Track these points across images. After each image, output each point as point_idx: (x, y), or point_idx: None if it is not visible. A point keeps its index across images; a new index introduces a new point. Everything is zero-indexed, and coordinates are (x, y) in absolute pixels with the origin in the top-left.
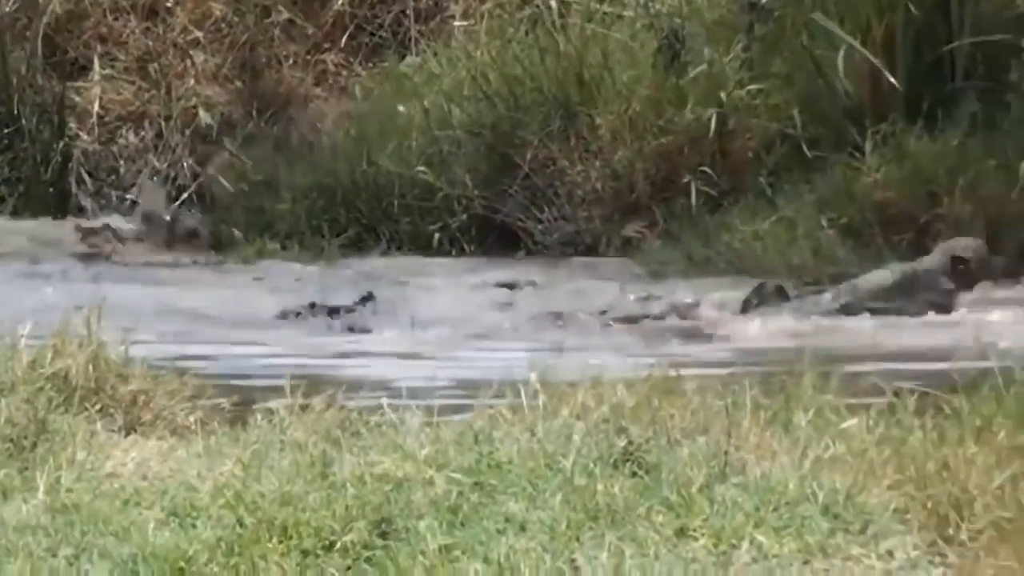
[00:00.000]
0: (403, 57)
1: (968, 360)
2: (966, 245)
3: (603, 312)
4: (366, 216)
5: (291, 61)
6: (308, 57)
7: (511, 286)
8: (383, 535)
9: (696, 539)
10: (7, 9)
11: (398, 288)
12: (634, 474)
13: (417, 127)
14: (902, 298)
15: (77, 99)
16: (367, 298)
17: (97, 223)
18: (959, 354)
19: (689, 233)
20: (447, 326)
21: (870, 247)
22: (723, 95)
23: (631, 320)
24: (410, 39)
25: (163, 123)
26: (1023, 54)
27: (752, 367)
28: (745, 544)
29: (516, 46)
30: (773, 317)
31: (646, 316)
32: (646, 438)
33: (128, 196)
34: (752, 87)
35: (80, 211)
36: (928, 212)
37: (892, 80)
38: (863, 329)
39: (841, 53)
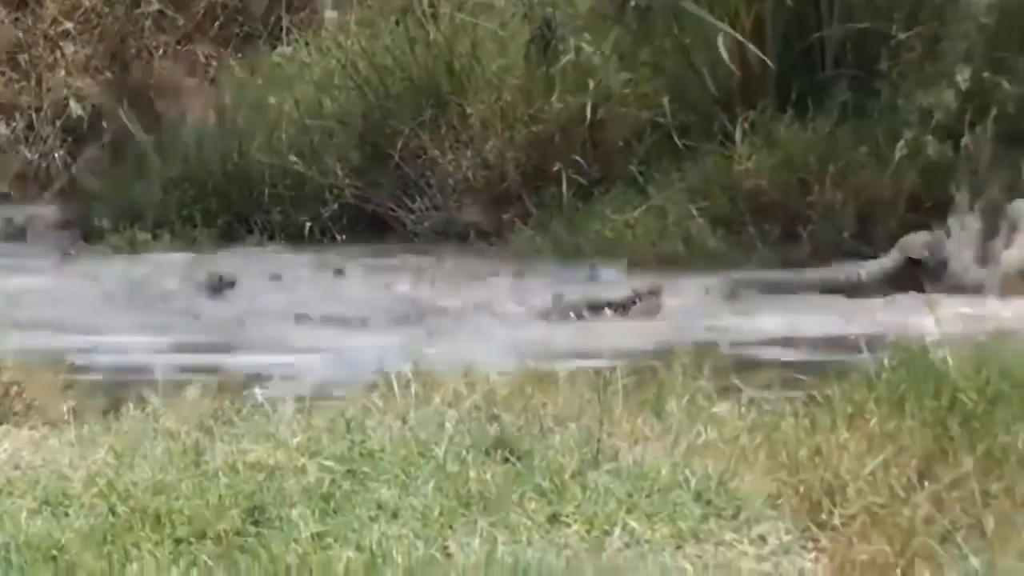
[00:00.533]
0: (274, 47)
1: (844, 348)
2: (923, 243)
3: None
4: (237, 206)
5: (161, 52)
6: (179, 48)
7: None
8: (256, 523)
9: (568, 525)
10: None
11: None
12: (506, 461)
13: (288, 117)
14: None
15: None
16: (227, 285)
17: None
18: (836, 343)
19: (559, 222)
20: (322, 315)
21: (741, 235)
22: (594, 84)
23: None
24: (281, 29)
25: (34, 114)
26: (892, 41)
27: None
28: (617, 530)
29: (387, 36)
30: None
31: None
32: (518, 426)
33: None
34: (623, 76)
35: None
36: (799, 200)
37: (767, 61)
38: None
39: (720, 39)
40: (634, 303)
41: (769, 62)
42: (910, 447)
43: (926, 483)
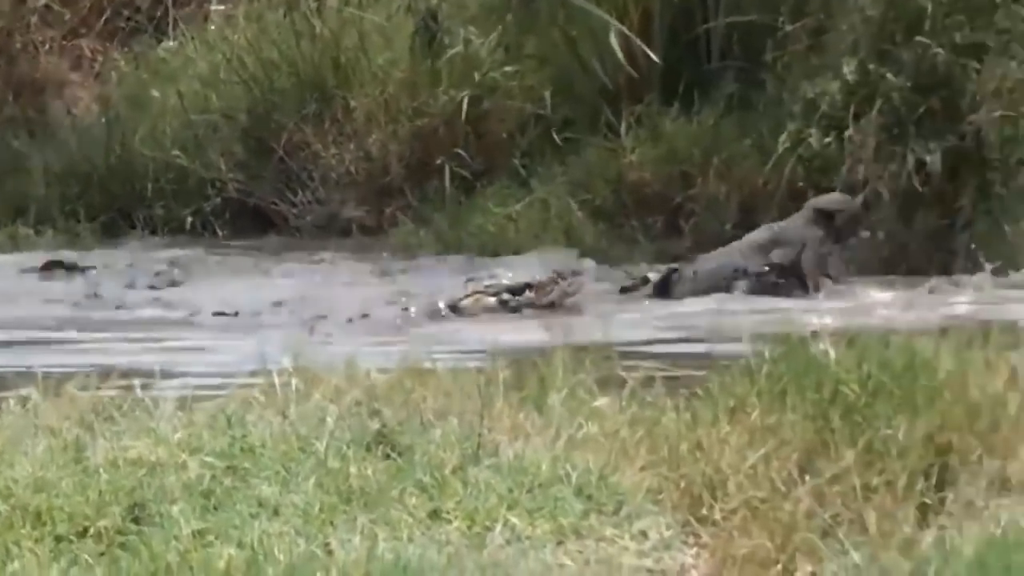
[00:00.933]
0: (160, 42)
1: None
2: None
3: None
4: (120, 201)
5: (47, 47)
6: (64, 42)
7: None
8: (136, 520)
9: (449, 521)
10: None
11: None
12: (387, 456)
13: (172, 111)
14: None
15: None
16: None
17: None
18: (716, 335)
19: (441, 215)
20: (204, 312)
21: (623, 228)
22: (479, 77)
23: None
24: (168, 23)
25: None
26: (777, 34)
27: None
28: (499, 526)
29: (273, 30)
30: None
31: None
32: (399, 420)
33: None
34: (507, 69)
35: None
36: (682, 193)
37: (651, 55)
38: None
39: (611, 33)
40: (556, 283)
41: (654, 56)
42: (791, 440)
43: (807, 477)
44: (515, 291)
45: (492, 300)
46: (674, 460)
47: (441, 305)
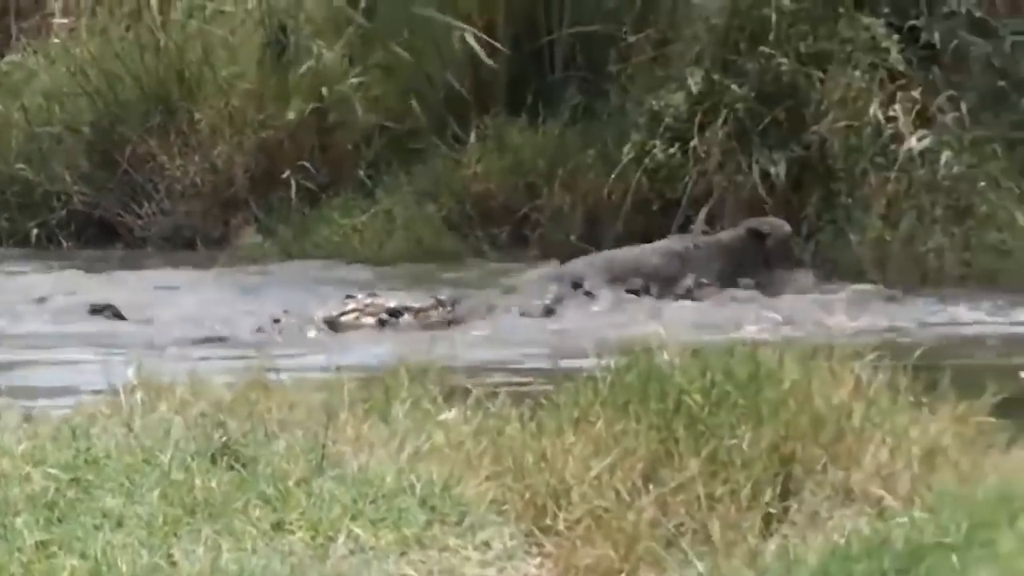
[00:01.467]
0: (2, 55)
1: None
2: (765, 221)
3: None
4: None
5: None
6: None
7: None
8: None
9: (293, 532)
10: None
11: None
12: (231, 468)
13: (16, 125)
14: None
15: None
16: None
17: None
18: (566, 349)
19: (286, 226)
20: (49, 324)
21: (469, 238)
22: (324, 89)
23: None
24: (10, 36)
25: None
26: (622, 44)
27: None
28: (342, 537)
29: (117, 43)
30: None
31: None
32: (244, 432)
33: None
34: (353, 80)
35: None
36: (527, 203)
37: (495, 65)
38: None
39: (455, 42)
40: (437, 308)
41: (496, 66)
42: (636, 450)
43: (651, 486)
44: (395, 313)
45: (371, 320)
46: (518, 470)
47: (318, 319)
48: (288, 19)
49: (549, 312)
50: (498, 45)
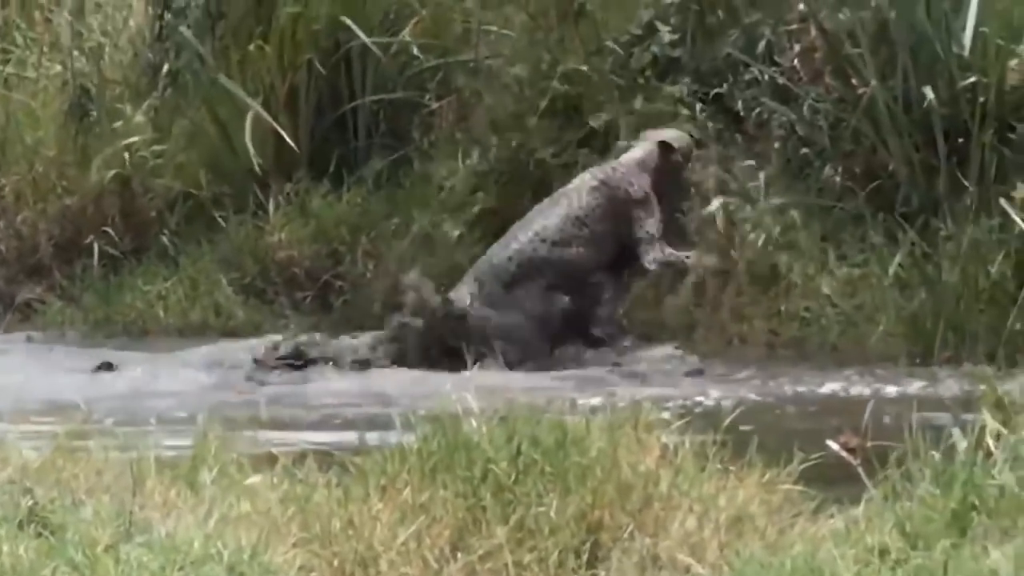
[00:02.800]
0: None
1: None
2: (673, 135)
3: None
4: None
5: None
6: None
7: None
8: None
9: None
10: None
11: None
12: (39, 535)
13: None
14: None
15: None
16: None
17: None
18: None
19: (90, 293)
20: None
21: (273, 304)
22: (128, 156)
23: None
24: None
25: None
26: (424, 111)
27: None
28: None
29: None
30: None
31: None
32: (51, 498)
33: None
34: (156, 147)
35: None
36: (330, 270)
37: (290, 142)
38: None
39: (250, 116)
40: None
41: (289, 141)
42: (443, 518)
43: (459, 554)
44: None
45: None
46: (326, 537)
47: None
48: (91, 84)
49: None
50: (275, 126)
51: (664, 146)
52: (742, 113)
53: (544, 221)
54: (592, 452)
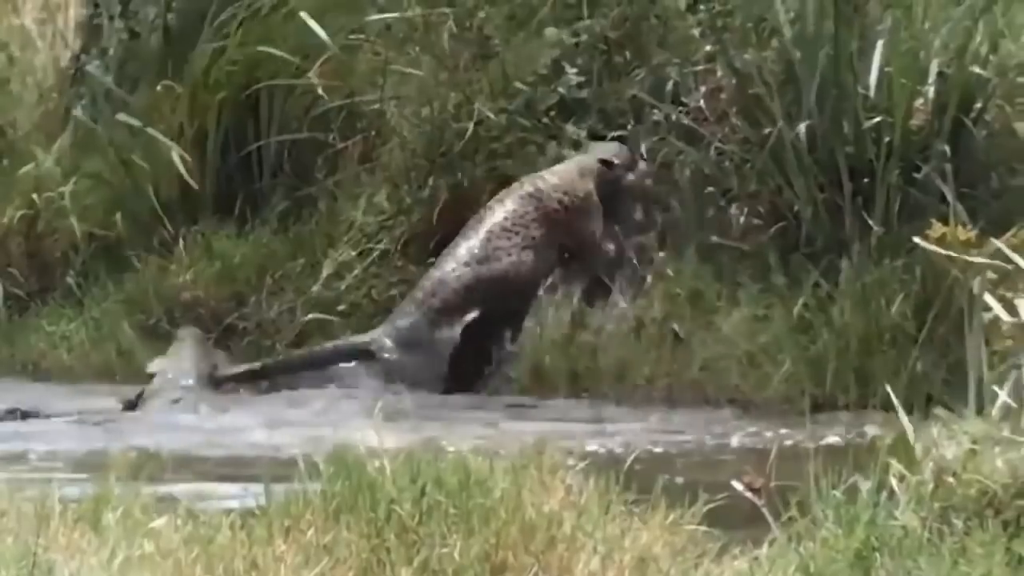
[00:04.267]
0: None
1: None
2: (610, 149)
3: None
4: None
5: None
6: None
7: None
8: None
9: None
10: None
11: None
12: None
13: None
14: None
15: None
16: None
17: None
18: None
19: None
20: None
21: None
22: (35, 196)
23: None
24: None
25: None
26: (329, 151)
27: None
28: None
29: None
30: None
31: None
32: None
33: None
34: (63, 189)
35: None
36: (235, 311)
37: (191, 182)
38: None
39: (175, 154)
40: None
41: (191, 181)
42: (347, 559)
43: None
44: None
45: None
46: None
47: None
48: (5, 123)
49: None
50: (180, 167)
51: (603, 162)
52: (646, 155)
53: (467, 242)
54: (496, 493)
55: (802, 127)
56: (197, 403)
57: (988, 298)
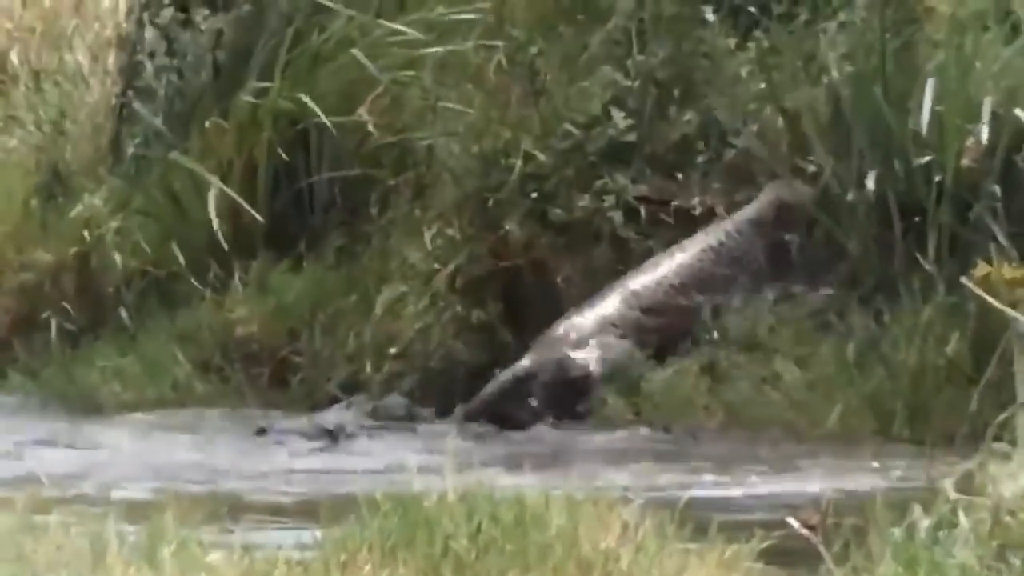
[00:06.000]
0: None
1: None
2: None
3: None
4: None
5: None
6: None
7: None
8: None
9: None
10: None
11: None
12: None
13: None
14: None
15: None
16: None
17: None
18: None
19: (49, 369)
20: None
21: (230, 382)
22: (88, 233)
23: None
24: None
25: None
26: (381, 187)
27: None
28: None
29: None
30: None
31: None
32: (11, 573)
33: None
34: (114, 224)
35: None
36: (288, 347)
37: (253, 213)
38: None
39: (212, 192)
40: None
41: (254, 212)
42: None
43: None
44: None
45: None
46: None
47: None
48: (59, 160)
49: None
50: (240, 201)
51: (781, 206)
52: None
53: (634, 286)
54: (551, 530)
55: (853, 166)
56: None
57: None
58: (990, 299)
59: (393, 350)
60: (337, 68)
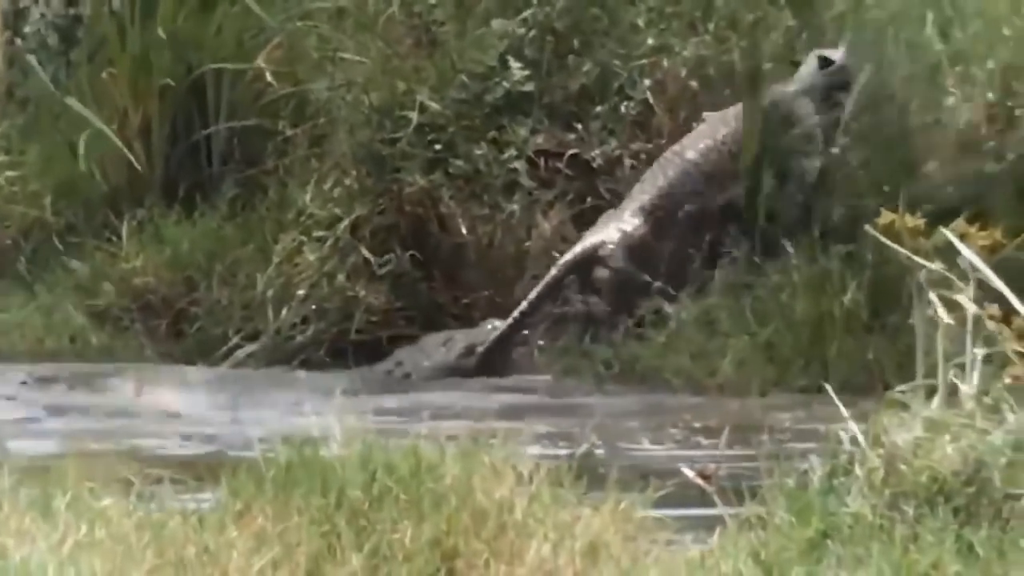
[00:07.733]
0: None
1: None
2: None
3: None
4: None
5: None
6: None
7: None
8: None
9: None
10: None
11: None
12: None
13: None
14: None
15: None
16: None
17: None
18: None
19: None
20: None
21: (128, 332)
22: None
23: None
24: None
25: None
26: (279, 138)
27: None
28: None
29: None
30: None
31: None
32: None
33: None
34: (9, 173)
35: None
36: (185, 297)
37: (137, 166)
38: None
39: (82, 138)
40: None
41: (137, 165)
42: (299, 545)
43: None
44: None
45: None
46: (181, 564)
47: None
48: None
49: None
50: (126, 151)
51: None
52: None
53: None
54: (447, 479)
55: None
56: None
57: (932, 296)
58: (895, 246)
59: (299, 293)
60: (233, 16)
